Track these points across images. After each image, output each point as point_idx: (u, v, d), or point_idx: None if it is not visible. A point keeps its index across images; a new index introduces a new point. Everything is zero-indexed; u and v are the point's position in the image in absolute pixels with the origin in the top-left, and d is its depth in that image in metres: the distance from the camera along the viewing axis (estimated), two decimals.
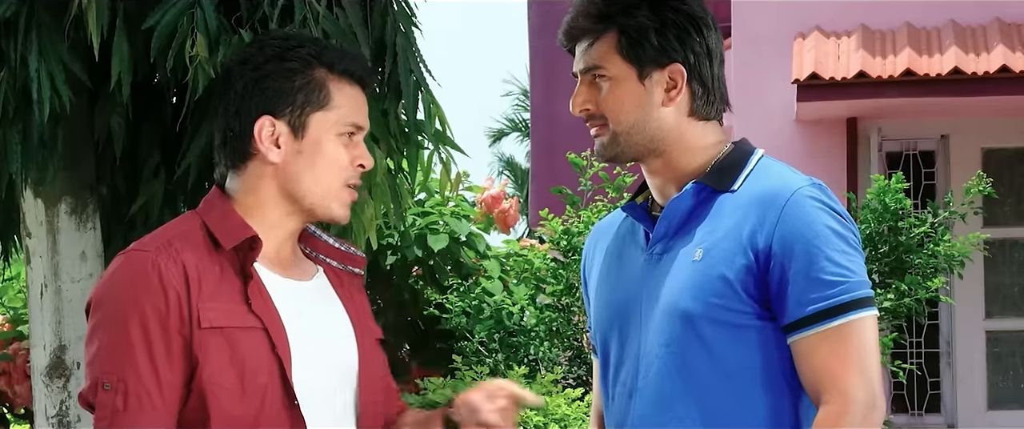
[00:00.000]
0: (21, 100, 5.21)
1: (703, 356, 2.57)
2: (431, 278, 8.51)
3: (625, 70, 2.65)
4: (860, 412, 2.50)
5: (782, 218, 2.55)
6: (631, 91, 2.65)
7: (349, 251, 2.72)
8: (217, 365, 2.47)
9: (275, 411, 2.49)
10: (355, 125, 2.61)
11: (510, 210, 9.09)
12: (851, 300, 2.53)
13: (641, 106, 2.65)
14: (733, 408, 2.57)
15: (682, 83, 2.65)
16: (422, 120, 5.43)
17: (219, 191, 2.62)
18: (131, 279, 2.48)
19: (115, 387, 2.46)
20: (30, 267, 5.71)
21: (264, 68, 2.58)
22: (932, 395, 10.70)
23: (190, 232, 2.56)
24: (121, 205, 5.87)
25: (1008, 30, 10.36)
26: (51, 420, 5.66)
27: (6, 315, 8.71)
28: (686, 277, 2.58)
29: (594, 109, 2.67)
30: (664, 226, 2.65)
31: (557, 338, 8.01)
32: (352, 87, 2.62)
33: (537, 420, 6.42)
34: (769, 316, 2.57)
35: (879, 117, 10.57)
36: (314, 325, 2.59)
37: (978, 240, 8.24)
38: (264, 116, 2.57)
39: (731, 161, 2.66)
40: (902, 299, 7.75)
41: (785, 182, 2.60)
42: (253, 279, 2.53)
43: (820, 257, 2.52)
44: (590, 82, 2.68)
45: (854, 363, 2.51)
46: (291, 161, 2.58)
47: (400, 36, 5.33)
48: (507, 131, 32.77)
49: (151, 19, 5.06)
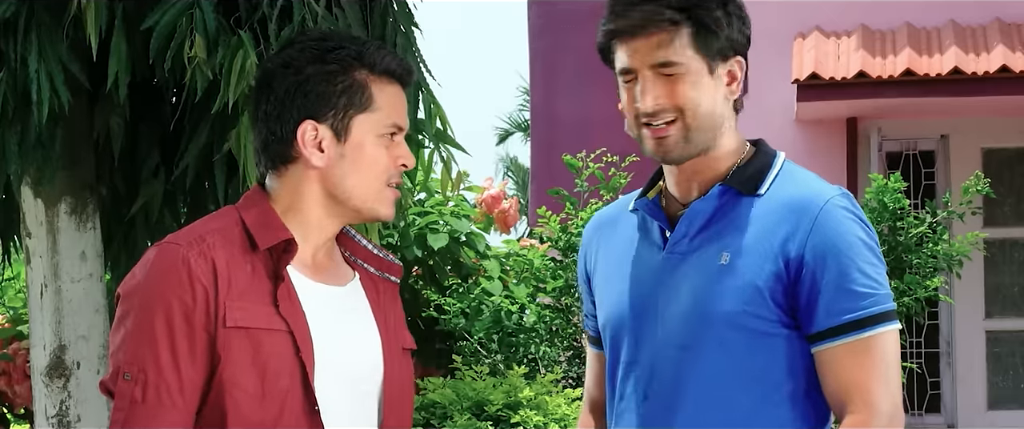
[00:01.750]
0: (20, 101, 5.21)
1: (723, 361, 2.56)
2: (431, 278, 8.51)
3: (699, 63, 2.62)
4: (885, 423, 2.51)
5: (815, 227, 2.54)
6: (706, 85, 2.62)
7: (387, 258, 2.70)
8: (239, 365, 2.45)
9: (295, 416, 2.47)
10: (396, 125, 2.59)
11: (510, 210, 9.09)
12: (880, 313, 2.54)
13: (712, 99, 2.62)
14: (748, 414, 2.56)
15: (742, 75, 2.65)
16: (423, 120, 5.43)
17: (260, 189, 2.61)
18: (160, 272, 2.47)
19: (135, 378, 2.45)
20: (30, 267, 5.71)
21: (305, 71, 2.56)
22: (932, 395, 10.70)
23: (226, 228, 2.54)
24: (121, 205, 5.87)
25: (1008, 30, 10.36)
26: (51, 420, 5.67)
27: (6, 315, 8.71)
28: (712, 281, 2.57)
29: (669, 103, 2.61)
30: (685, 226, 2.63)
31: (556, 338, 8.01)
32: (392, 86, 2.60)
33: (537, 420, 6.42)
34: (793, 325, 2.56)
35: (879, 117, 10.57)
36: (341, 331, 2.58)
37: (977, 239, 8.23)
38: (307, 120, 2.55)
39: (756, 165, 2.65)
40: (901, 298, 7.75)
41: (816, 190, 2.60)
42: (284, 281, 2.51)
43: (852, 268, 2.53)
44: (661, 77, 2.61)
45: (880, 375, 2.52)
46: (335, 164, 2.56)
47: (400, 36, 5.34)
48: (512, 131, 32.79)
49: (150, 20, 5.07)
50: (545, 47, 13.42)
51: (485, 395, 6.52)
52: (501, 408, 6.47)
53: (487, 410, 6.47)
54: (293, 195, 2.58)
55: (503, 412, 6.47)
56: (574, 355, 8.05)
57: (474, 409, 6.52)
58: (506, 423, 6.46)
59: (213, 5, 5.07)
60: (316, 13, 5.10)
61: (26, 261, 5.74)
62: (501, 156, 33.47)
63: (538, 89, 13.61)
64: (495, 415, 6.45)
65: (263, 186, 2.61)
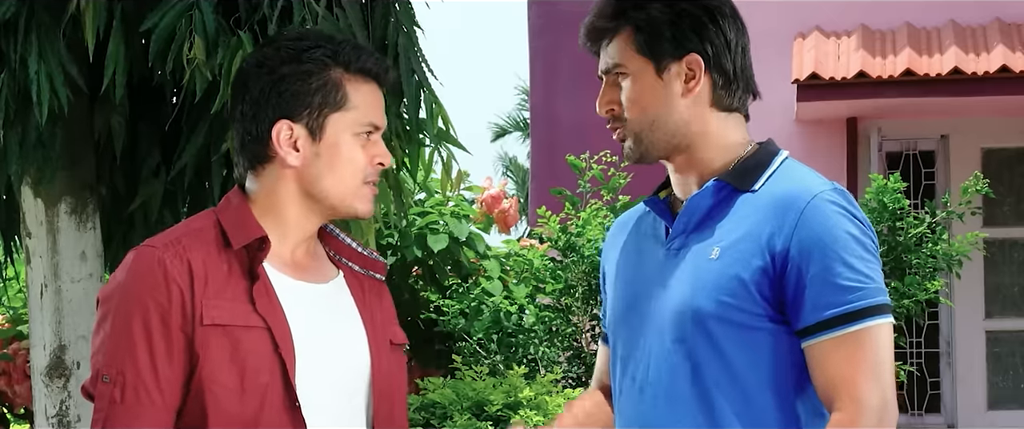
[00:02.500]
0: (20, 101, 5.21)
1: (713, 355, 2.56)
2: (431, 278, 8.51)
3: (642, 65, 2.64)
4: (873, 419, 2.48)
5: (801, 222, 2.54)
6: (650, 86, 2.64)
7: (371, 256, 2.72)
8: (217, 362, 2.48)
9: (276, 412, 2.49)
10: (372, 124, 2.61)
11: (510, 210, 9.09)
12: (868, 306, 2.51)
13: (660, 100, 2.63)
14: (740, 409, 2.56)
15: (701, 73, 2.63)
16: (425, 119, 5.44)
17: (239, 190, 2.63)
18: (136, 275, 2.51)
19: (114, 379, 2.48)
20: (30, 267, 5.71)
21: (280, 71, 2.58)
22: (932, 395, 10.70)
23: (203, 230, 2.57)
24: (121, 205, 5.87)
25: (1008, 30, 10.36)
26: (51, 420, 5.67)
27: (6, 315, 8.71)
28: (701, 275, 2.58)
29: (618, 110, 2.67)
30: (683, 222, 2.65)
31: (556, 338, 8.01)
32: (368, 85, 2.62)
33: (537, 420, 6.42)
34: (782, 320, 2.56)
35: (879, 117, 10.57)
36: (323, 328, 2.59)
37: (977, 239, 8.24)
38: (282, 120, 2.57)
39: (755, 161, 2.65)
40: (901, 300, 7.75)
41: (806, 185, 2.59)
42: (260, 279, 2.54)
43: (838, 262, 2.51)
44: (612, 82, 2.68)
45: (868, 370, 2.50)
46: (310, 163, 2.58)
47: (402, 36, 5.34)
48: (509, 130, 32.78)
49: (149, 20, 5.06)
50: (545, 47, 13.42)
51: (485, 395, 6.53)
52: (501, 408, 6.47)
53: (487, 410, 6.47)
54: (271, 195, 2.60)
55: (503, 412, 6.47)
56: (574, 355, 8.05)
57: (474, 409, 6.53)
58: (506, 423, 6.46)
59: (213, 6, 5.07)
60: (316, 13, 5.10)
61: (26, 261, 5.74)
62: (500, 155, 33.48)
63: (538, 89, 13.61)
64: (495, 415, 6.46)
65: (243, 188, 2.63)
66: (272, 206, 2.60)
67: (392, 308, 2.75)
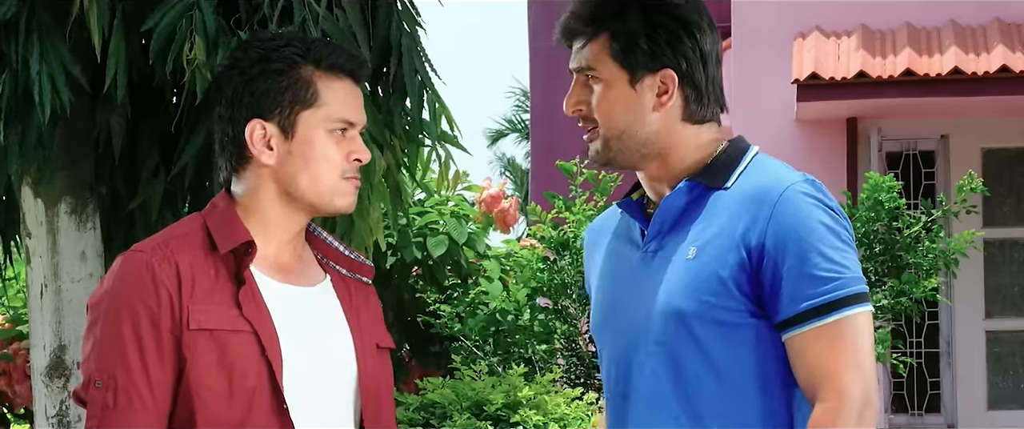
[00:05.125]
0: (21, 102, 5.21)
1: (696, 355, 2.56)
2: (431, 278, 8.51)
3: (617, 74, 2.64)
4: (856, 408, 2.48)
5: (775, 214, 2.53)
6: (622, 95, 2.64)
7: (358, 259, 2.72)
8: (204, 366, 2.48)
9: (264, 414, 2.50)
10: (345, 121, 2.60)
11: (510, 210, 9.09)
12: (845, 296, 2.51)
13: (632, 111, 2.63)
14: (727, 407, 2.55)
15: (673, 88, 2.63)
16: (427, 120, 5.44)
17: (225, 193, 2.64)
18: (125, 279, 2.51)
19: (106, 384, 2.49)
20: (30, 267, 5.71)
21: (250, 71, 2.59)
22: (932, 395, 10.70)
23: (190, 233, 2.58)
24: (121, 205, 5.87)
25: (1008, 30, 10.36)
26: (51, 420, 5.67)
27: (6, 315, 8.71)
28: (679, 275, 2.57)
29: (586, 111, 2.67)
30: (658, 224, 2.64)
31: (553, 338, 8.01)
32: (341, 82, 2.61)
33: (537, 419, 6.42)
34: (762, 314, 2.55)
35: (879, 117, 10.57)
36: (310, 331, 2.60)
37: (974, 238, 8.24)
38: (254, 119, 2.58)
39: (725, 159, 2.65)
40: (899, 298, 7.76)
41: (777, 178, 2.58)
42: (246, 283, 2.54)
43: (813, 253, 2.51)
44: (583, 82, 2.68)
45: (850, 359, 2.50)
46: (285, 161, 2.58)
47: (405, 36, 5.34)
48: (506, 132, 32.76)
49: (150, 21, 5.07)
50: (545, 47, 13.43)
51: (484, 395, 6.53)
52: (500, 408, 6.47)
53: (487, 410, 6.47)
54: (251, 195, 2.61)
55: (503, 412, 6.47)
56: (572, 355, 8.06)
57: (474, 409, 6.53)
58: (506, 423, 6.47)
59: (213, 6, 5.07)
60: (317, 14, 5.10)
61: (26, 261, 5.74)
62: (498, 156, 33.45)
63: (538, 89, 13.62)
64: (495, 415, 6.46)
65: (230, 191, 2.64)
66: (255, 207, 2.60)
67: (379, 311, 2.76)
